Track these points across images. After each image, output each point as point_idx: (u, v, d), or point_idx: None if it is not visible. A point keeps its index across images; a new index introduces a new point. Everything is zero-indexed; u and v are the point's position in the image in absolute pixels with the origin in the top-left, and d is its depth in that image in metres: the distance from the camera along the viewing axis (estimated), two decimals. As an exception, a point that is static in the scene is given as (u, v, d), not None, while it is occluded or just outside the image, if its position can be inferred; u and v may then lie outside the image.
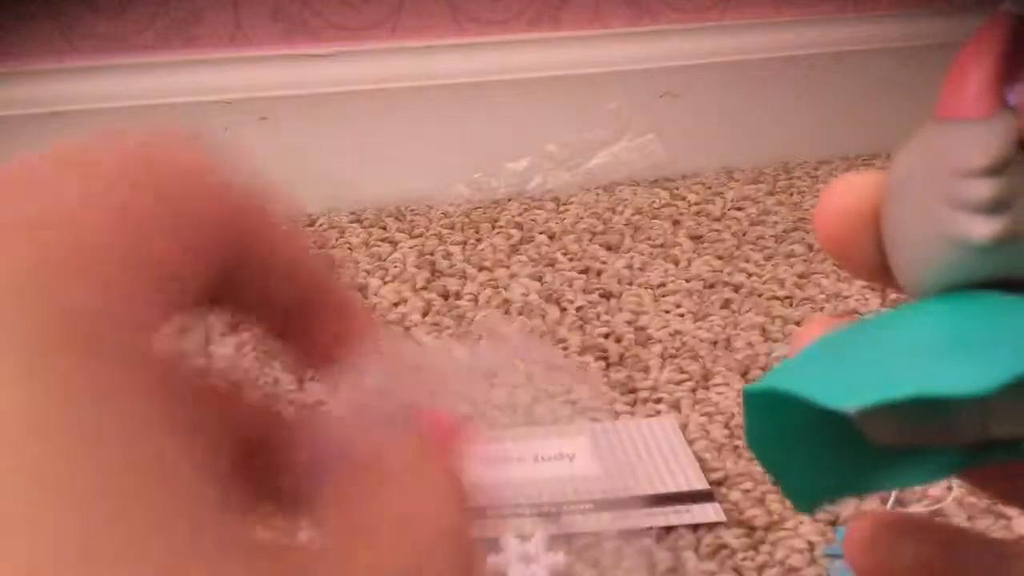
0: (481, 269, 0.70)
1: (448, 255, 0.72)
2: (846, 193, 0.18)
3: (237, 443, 0.16)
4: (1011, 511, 0.45)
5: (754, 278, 0.69)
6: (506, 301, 0.66)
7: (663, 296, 0.66)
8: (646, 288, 0.67)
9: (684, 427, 0.52)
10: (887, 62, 0.90)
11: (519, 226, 0.77)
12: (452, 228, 0.77)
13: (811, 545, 0.44)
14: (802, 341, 0.19)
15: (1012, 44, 0.18)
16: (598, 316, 0.64)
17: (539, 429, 0.51)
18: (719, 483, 0.48)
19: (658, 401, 0.55)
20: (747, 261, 0.71)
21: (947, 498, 0.46)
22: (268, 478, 0.17)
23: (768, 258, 0.72)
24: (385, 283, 0.68)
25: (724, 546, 0.45)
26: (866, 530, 0.21)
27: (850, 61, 0.89)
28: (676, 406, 0.54)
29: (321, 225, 0.77)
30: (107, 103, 0.74)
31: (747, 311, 0.64)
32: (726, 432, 0.52)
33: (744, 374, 0.57)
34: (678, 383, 0.56)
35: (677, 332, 0.62)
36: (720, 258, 0.72)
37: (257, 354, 0.59)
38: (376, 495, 0.14)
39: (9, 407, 0.11)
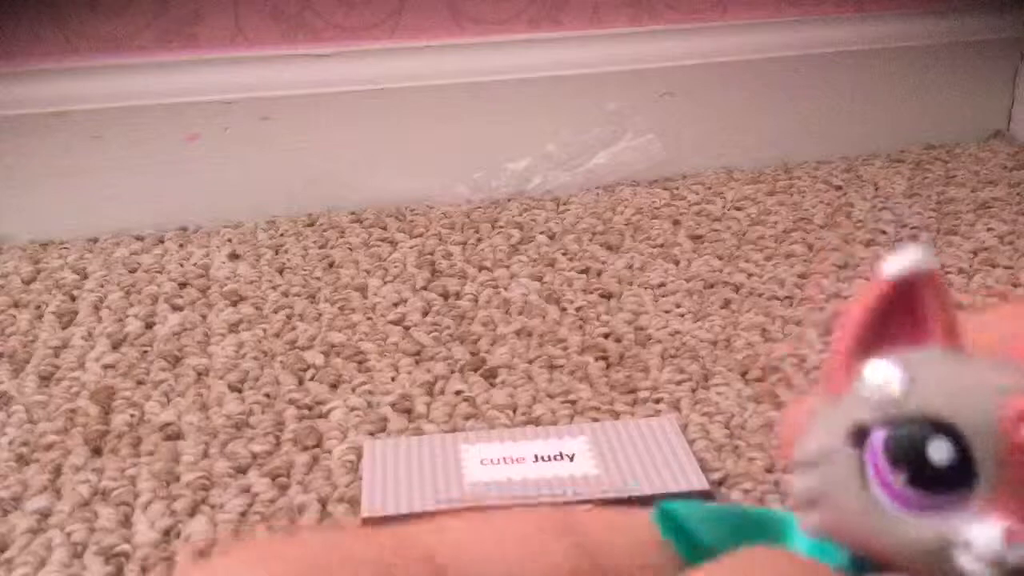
0: (481, 269, 0.70)
1: (448, 255, 0.72)
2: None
3: None
4: None
5: (754, 278, 0.69)
6: (506, 301, 0.66)
7: (663, 296, 0.66)
8: (646, 288, 0.67)
9: (684, 427, 0.52)
10: (887, 62, 0.90)
11: (519, 226, 0.77)
12: (452, 228, 0.77)
13: (811, 545, 0.44)
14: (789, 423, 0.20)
15: (881, 307, 0.19)
16: (598, 316, 0.64)
17: (539, 429, 0.51)
18: (719, 483, 0.48)
19: (658, 401, 0.55)
20: (747, 261, 0.71)
21: None
22: None
23: (768, 258, 0.72)
24: (385, 283, 0.68)
25: (724, 546, 0.45)
26: None
27: (850, 61, 0.89)
28: (676, 406, 0.54)
29: (321, 225, 0.77)
30: (107, 103, 0.74)
31: (747, 311, 0.64)
32: (726, 432, 0.52)
33: (744, 374, 0.57)
34: (678, 383, 0.56)
35: (677, 332, 0.62)
36: (720, 258, 0.72)
37: (257, 354, 0.59)
38: None
39: None
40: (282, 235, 0.76)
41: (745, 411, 0.54)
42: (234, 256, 0.73)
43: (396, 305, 0.65)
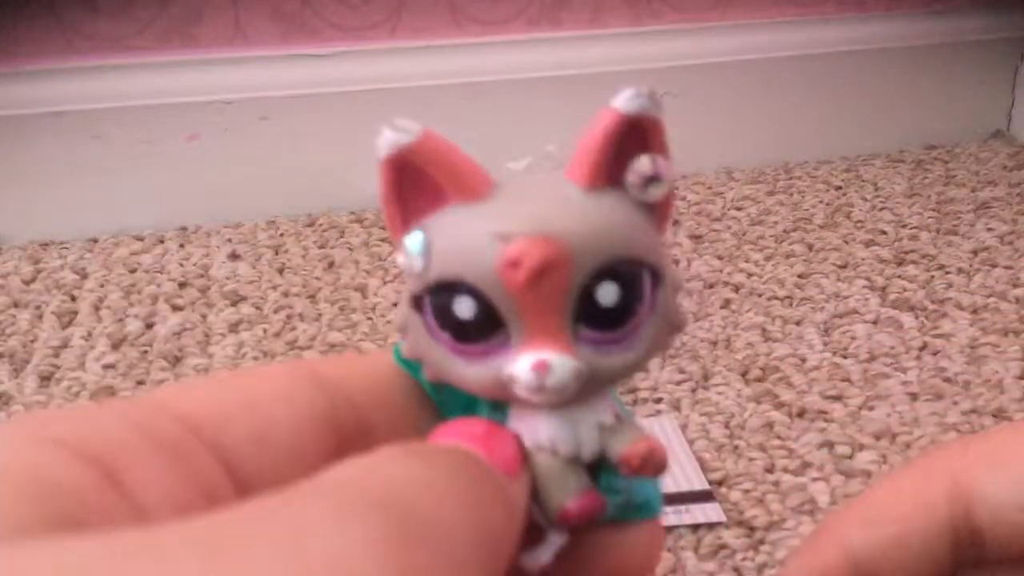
0: (481, 269, 0.70)
1: (448, 255, 0.72)
2: None
3: None
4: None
5: (754, 278, 0.69)
6: (506, 301, 0.66)
7: (663, 296, 0.66)
8: (646, 288, 0.67)
9: (684, 427, 0.52)
10: (887, 62, 0.90)
11: (519, 226, 0.77)
12: (452, 228, 0.77)
13: (811, 545, 0.44)
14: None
15: (395, 183, 0.20)
16: (598, 316, 0.64)
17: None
18: (719, 483, 0.48)
19: (658, 401, 0.55)
20: (747, 261, 0.71)
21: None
22: None
23: (768, 258, 0.72)
24: (385, 283, 0.68)
25: (724, 546, 0.45)
26: None
27: (850, 61, 0.89)
28: (676, 406, 0.54)
29: (321, 225, 0.77)
30: (107, 103, 0.74)
31: (747, 311, 0.64)
32: (726, 432, 0.52)
33: (744, 374, 0.57)
34: (678, 383, 0.56)
35: (677, 332, 0.62)
36: (720, 258, 0.72)
37: (257, 354, 0.59)
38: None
39: None
40: (282, 235, 0.76)
41: (745, 411, 0.54)
42: (234, 256, 0.73)
43: (396, 305, 0.65)
